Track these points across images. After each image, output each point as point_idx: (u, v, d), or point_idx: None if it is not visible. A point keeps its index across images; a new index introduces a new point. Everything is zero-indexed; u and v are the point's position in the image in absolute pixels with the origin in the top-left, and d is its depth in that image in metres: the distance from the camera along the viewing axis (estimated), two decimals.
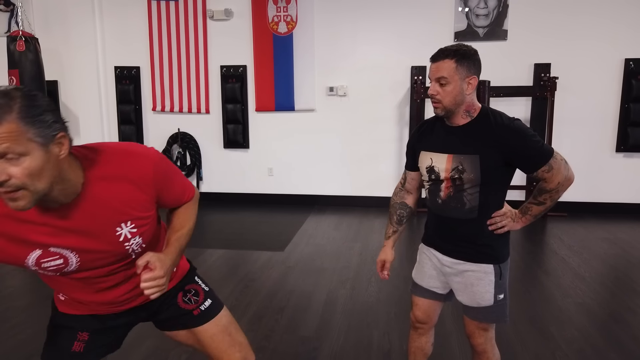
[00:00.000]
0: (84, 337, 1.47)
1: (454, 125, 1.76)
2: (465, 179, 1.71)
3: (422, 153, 1.84)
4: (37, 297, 3.43)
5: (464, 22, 5.65)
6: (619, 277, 3.80)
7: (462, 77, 1.68)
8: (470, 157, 1.69)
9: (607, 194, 5.71)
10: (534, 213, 1.80)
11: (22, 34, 5.70)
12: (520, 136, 1.67)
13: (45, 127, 1.06)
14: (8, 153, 1.01)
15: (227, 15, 5.99)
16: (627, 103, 5.51)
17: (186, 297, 1.55)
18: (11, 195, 1.05)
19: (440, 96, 1.70)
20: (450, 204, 1.77)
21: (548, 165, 1.68)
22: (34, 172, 1.05)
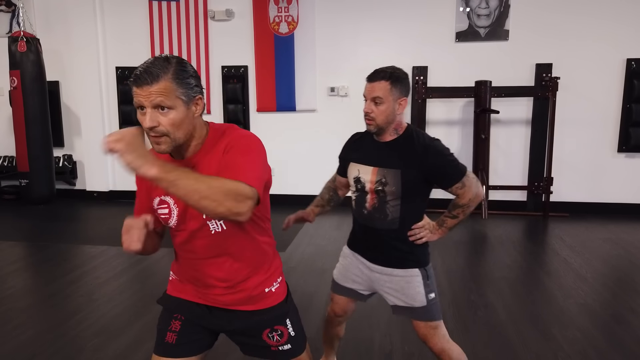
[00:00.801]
0: (175, 327, 1.56)
1: (381, 141, 1.91)
2: (387, 191, 1.86)
3: (351, 164, 1.99)
4: (38, 298, 3.43)
5: (465, 22, 5.65)
6: (621, 278, 3.79)
7: (394, 98, 1.83)
8: (393, 171, 1.85)
9: (608, 194, 5.70)
10: (448, 225, 1.95)
11: (24, 34, 5.71)
12: (439, 156, 1.85)
13: (189, 88, 1.31)
14: (161, 105, 1.27)
15: (228, 16, 5.99)
16: (629, 103, 5.50)
17: (271, 334, 1.59)
18: (156, 139, 1.31)
19: (374, 114, 1.84)
20: (375, 215, 1.92)
21: (461, 182, 1.86)
22: (176, 123, 1.30)
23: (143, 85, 1.26)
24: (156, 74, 1.26)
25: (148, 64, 1.29)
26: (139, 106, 1.29)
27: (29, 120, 5.83)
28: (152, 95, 1.26)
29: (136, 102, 1.29)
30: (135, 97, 1.29)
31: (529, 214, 5.70)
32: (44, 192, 6.05)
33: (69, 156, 6.61)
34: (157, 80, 1.26)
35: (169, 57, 1.31)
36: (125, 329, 2.91)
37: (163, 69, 1.27)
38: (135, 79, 1.28)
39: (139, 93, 1.27)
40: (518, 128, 5.74)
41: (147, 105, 1.27)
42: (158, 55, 1.32)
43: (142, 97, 1.27)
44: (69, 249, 4.49)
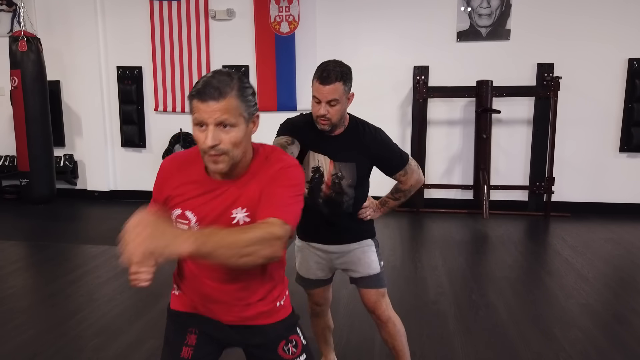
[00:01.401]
0: (192, 341, 1.50)
1: (332, 135, 1.94)
2: (343, 184, 1.95)
3: (311, 153, 1.97)
4: (39, 298, 3.43)
5: (467, 21, 5.64)
6: (623, 278, 3.78)
7: (346, 95, 1.86)
8: (348, 164, 1.93)
9: (610, 194, 5.69)
10: (390, 206, 2.15)
11: (24, 34, 5.71)
12: (384, 145, 1.98)
13: (250, 106, 1.29)
14: (224, 123, 1.22)
15: (229, 15, 5.98)
16: (631, 103, 5.49)
17: (287, 347, 1.54)
18: (215, 158, 1.25)
19: (330, 115, 1.85)
20: (330, 204, 1.99)
21: (404, 170, 2.00)
22: (237, 141, 1.25)
23: (208, 101, 1.21)
24: (222, 89, 1.21)
25: (210, 78, 1.24)
26: (199, 122, 1.24)
27: (29, 120, 5.83)
28: (217, 112, 1.21)
29: (196, 119, 1.23)
30: (196, 112, 1.23)
31: (530, 213, 5.69)
32: (44, 191, 6.05)
33: (70, 156, 6.61)
34: (224, 96, 1.21)
35: (231, 73, 1.28)
36: (125, 328, 2.90)
37: (228, 85, 1.23)
38: (199, 93, 1.22)
39: (202, 109, 1.22)
40: (519, 128, 5.73)
41: (209, 123, 1.22)
42: (218, 69, 1.28)
43: (205, 114, 1.21)
44: (69, 249, 4.49)
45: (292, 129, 2.01)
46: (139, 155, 6.54)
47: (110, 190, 6.62)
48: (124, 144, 6.51)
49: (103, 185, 6.58)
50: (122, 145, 6.52)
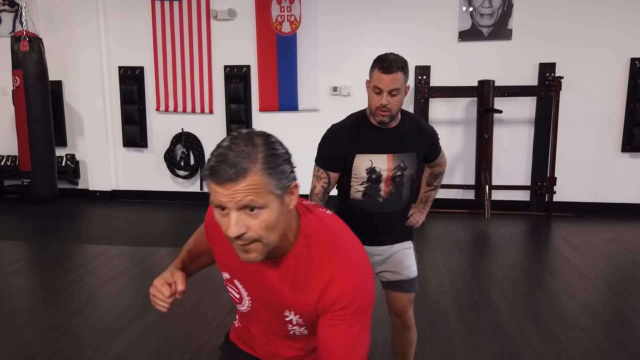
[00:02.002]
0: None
1: (385, 127, 1.92)
2: (406, 175, 1.95)
3: (359, 156, 1.91)
4: (40, 298, 3.43)
5: (469, 21, 5.63)
6: (625, 278, 3.77)
7: (405, 86, 1.85)
8: (409, 154, 1.94)
9: (612, 194, 5.68)
10: (432, 197, 2.17)
11: (26, 34, 5.72)
12: (433, 131, 2.06)
13: (283, 177, 1.01)
14: (250, 205, 0.97)
15: (230, 15, 5.98)
16: (633, 103, 5.47)
17: None
18: (245, 247, 1.02)
19: (391, 105, 1.83)
20: (391, 201, 1.96)
21: (440, 154, 2.11)
22: (270, 225, 1.00)
23: (226, 183, 0.96)
24: (243, 167, 0.96)
25: (227, 149, 0.98)
26: (219, 206, 1.00)
27: (31, 120, 5.83)
28: (237, 194, 0.96)
29: (215, 202, 1.00)
30: (213, 195, 0.99)
31: (532, 214, 5.68)
32: (46, 191, 6.05)
33: (72, 155, 6.61)
34: (245, 174, 0.95)
35: (253, 137, 1.01)
36: (126, 328, 2.90)
37: (250, 157, 0.97)
38: (213, 173, 0.97)
39: (219, 192, 0.97)
40: (521, 128, 5.72)
41: (231, 207, 0.98)
42: (238, 133, 1.02)
43: (223, 198, 0.97)
44: (71, 249, 4.49)
45: (331, 147, 1.95)
46: (141, 155, 6.54)
47: (112, 190, 6.62)
48: (126, 144, 6.51)
49: (105, 185, 6.58)
50: (123, 145, 6.53)
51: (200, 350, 2.62)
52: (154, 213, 5.85)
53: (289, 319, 1.18)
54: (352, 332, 1.07)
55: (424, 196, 2.16)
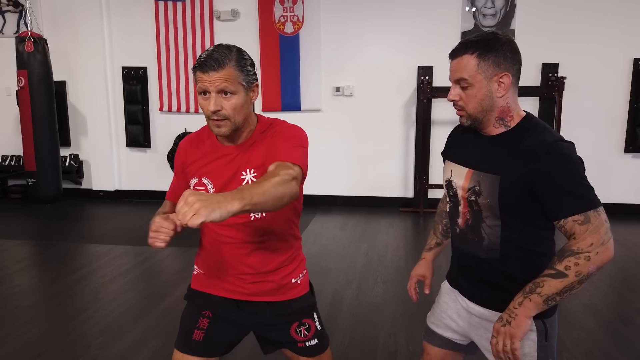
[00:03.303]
0: (203, 325, 1.57)
1: (485, 134, 1.40)
2: (481, 204, 1.36)
3: (447, 162, 1.53)
4: (44, 297, 3.46)
5: (471, 21, 5.63)
6: (628, 279, 3.77)
7: (488, 75, 1.31)
8: (490, 176, 1.33)
9: (615, 194, 5.66)
10: (545, 292, 1.23)
11: (31, 34, 5.74)
12: (559, 161, 1.25)
13: (249, 75, 1.40)
14: (225, 90, 1.36)
15: (233, 16, 6.00)
16: (636, 103, 5.46)
17: (299, 329, 1.59)
18: (218, 122, 1.39)
19: (463, 102, 1.36)
20: (467, 236, 1.43)
21: (585, 215, 1.23)
22: (237, 108, 1.39)
23: (209, 71, 1.34)
24: (221, 60, 1.34)
25: (211, 51, 1.37)
26: (202, 91, 1.38)
27: (36, 120, 5.86)
28: (217, 81, 1.35)
29: (200, 87, 1.37)
30: (199, 82, 1.37)
31: None
32: (50, 191, 6.08)
33: (76, 155, 6.64)
34: (222, 66, 1.34)
35: (230, 46, 1.41)
36: (130, 327, 2.92)
37: (227, 56, 1.36)
38: (201, 65, 1.35)
39: (204, 78, 1.35)
40: None
41: (211, 90, 1.36)
42: (218, 44, 1.41)
43: (207, 83, 1.35)
44: (74, 248, 4.51)
45: (445, 145, 1.62)
46: (144, 155, 6.56)
47: (115, 190, 6.65)
48: (129, 144, 6.53)
49: (108, 185, 6.61)
50: (127, 145, 6.55)
51: None
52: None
53: (245, 180, 1.46)
54: (287, 144, 1.43)
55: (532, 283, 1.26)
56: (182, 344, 1.58)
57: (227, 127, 1.40)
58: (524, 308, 1.24)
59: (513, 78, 1.33)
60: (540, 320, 1.32)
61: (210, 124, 1.42)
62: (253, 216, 1.47)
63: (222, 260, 1.54)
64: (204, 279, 1.60)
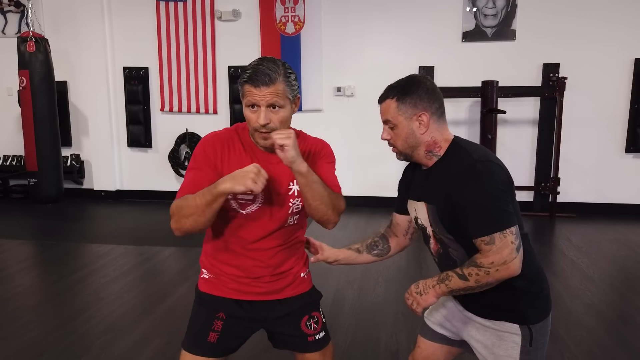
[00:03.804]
0: (218, 327, 1.58)
1: (425, 168, 1.54)
2: (437, 232, 1.49)
3: (409, 202, 1.63)
4: (46, 296, 3.46)
5: (472, 22, 5.63)
6: (629, 279, 3.77)
7: (407, 116, 1.46)
8: (432, 207, 1.48)
9: (616, 194, 5.67)
10: (451, 285, 1.40)
11: (32, 34, 5.76)
12: (474, 182, 1.36)
13: (294, 89, 1.45)
14: (274, 104, 1.39)
15: (234, 16, 6.00)
16: (637, 103, 5.47)
17: (309, 322, 1.65)
18: (265, 135, 1.42)
19: (393, 140, 1.52)
20: (444, 263, 1.54)
21: (490, 237, 1.32)
22: (284, 120, 1.43)
23: (260, 85, 1.37)
24: (272, 76, 1.37)
25: (259, 65, 1.39)
26: (251, 104, 1.40)
27: (37, 120, 5.87)
28: (268, 95, 1.37)
29: (249, 101, 1.39)
30: (249, 96, 1.39)
31: (536, 214, 5.67)
32: (52, 191, 6.09)
33: (77, 155, 6.65)
34: (274, 82, 1.37)
35: (276, 60, 1.43)
36: (132, 327, 2.92)
37: (276, 71, 1.39)
38: (252, 79, 1.37)
39: (254, 93, 1.38)
40: (525, 128, 5.72)
41: (262, 105, 1.39)
42: (264, 57, 1.43)
43: (258, 97, 1.38)
44: (76, 248, 4.52)
45: (400, 182, 1.72)
46: (145, 155, 6.57)
47: (117, 190, 6.65)
48: (130, 144, 6.54)
49: (109, 185, 6.62)
50: (128, 145, 6.56)
51: None
52: (159, 213, 5.87)
53: (292, 190, 1.52)
54: (334, 171, 1.59)
55: (445, 273, 1.44)
56: (195, 346, 1.58)
57: (271, 141, 1.41)
58: (434, 290, 1.45)
59: (433, 115, 1.47)
60: (525, 326, 1.43)
61: (256, 136, 1.45)
62: (288, 224, 1.55)
63: (242, 265, 1.55)
64: (215, 282, 1.59)
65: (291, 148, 1.33)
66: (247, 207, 1.50)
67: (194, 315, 1.63)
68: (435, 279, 1.45)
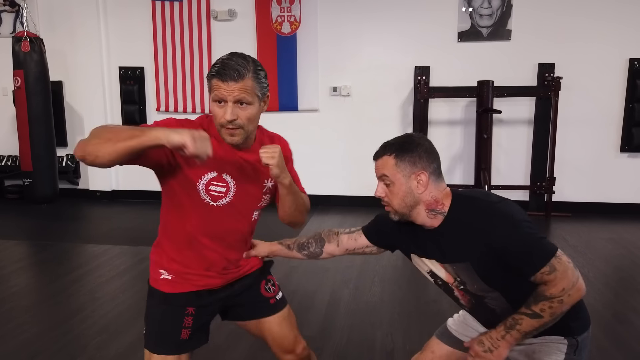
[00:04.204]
0: (189, 323, 1.58)
1: (429, 228, 1.48)
2: (472, 290, 1.44)
3: (414, 256, 1.59)
4: (41, 297, 3.45)
5: (468, 22, 5.65)
6: (624, 278, 3.78)
7: (406, 174, 1.43)
8: (462, 265, 1.41)
9: (611, 194, 5.69)
10: (524, 329, 1.33)
11: (27, 34, 5.73)
12: (507, 223, 1.35)
13: (263, 86, 1.43)
14: (241, 101, 1.38)
15: (230, 16, 6.00)
16: (632, 103, 5.49)
17: (267, 285, 1.73)
18: (232, 131, 1.42)
19: (388, 198, 1.47)
20: (479, 311, 1.51)
21: (549, 265, 1.29)
22: (252, 118, 1.43)
23: (228, 80, 1.35)
24: (241, 71, 1.36)
25: (228, 60, 1.37)
26: (218, 100, 1.39)
27: (32, 120, 5.85)
28: (235, 91, 1.36)
29: (216, 96, 1.38)
30: (216, 90, 1.37)
31: (531, 213, 5.69)
32: (47, 191, 6.06)
33: (72, 156, 6.63)
34: (242, 77, 1.36)
35: (245, 55, 1.42)
36: (128, 327, 2.92)
37: (245, 67, 1.37)
38: (221, 74, 1.36)
39: (222, 87, 1.36)
40: (520, 128, 5.73)
41: (229, 100, 1.37)
42: (234, 52, 1.42)
43: (225, 92, 1.36)
44: (71, 248, 4.51)
45: (383, 220, 1.65)
46: None
47: (112, 190, 6.64)
48: None
49: (105, 185, 6.60)
50: None
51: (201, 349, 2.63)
52: (154, 213, 5.82)
53: (266, 187, 1.58)
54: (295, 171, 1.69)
55: (511, 318, 1.35)
56: (167, 346, 1.56)
57: (240, 136, 1.44)
58: (506, 341, 1.34)
59: (431, 175, 1.44)
60: (571, 337, 1.42)
61: (222, 132, 1.44)
62: (254, 218, 1.63)
63: (207, 260, 1.57)
64: (179, 280, 1.58)
65: (275, 167, 1.39)
66: (219, 200, 1.50)
67: (159, 316, 1.59)
68: (502, 328, 1.35)
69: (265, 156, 1.38)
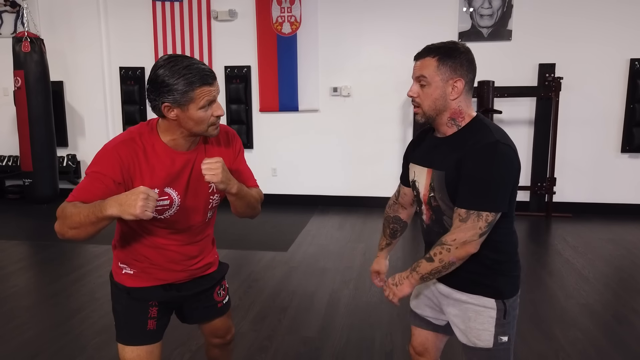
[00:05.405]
0: (154, 313, 1.66)
1: (440, 136, 1.54)
2: (437, 199, 1.49)
3: (410, 165, 1.65)
4: (41, 297, 3.45)
5: (468, 22, 5.64)
6: (624, 278, 3.78)
7: (444, 78, 1.45)
8: (438, 172, 1.48)
9: (612, 194, 5.69)
10: (421, 271, 1.48)
11: (28, 35, 5.74)
12: (483, 156, 1.38)
13: None
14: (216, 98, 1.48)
15: (231, 16, 6.00)
16: (632, 103, 5.48)
17: (219, 290, 1.83)
18: (218, 124, 1.51)
19: (420, 99, 1.50)
20: (433, 229, 1.55)
21: (469, 213, 1.38)
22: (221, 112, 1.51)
23: (212, 81, 1.44)
24: (214, 75, 1.47)
25: (196, 64, 1.43)
26: (209, 102, 1.44)
27: (32, 120, 5.85)
28: (217, 89, 1.47)
29: (207, 100, 1.43)
30: (207, 95, 1.43)
31: (532, 214, 5.69)
32: (47, 191, 6.07)
33: (73, 156, 6.63)
34: (215, 79, 1.47)
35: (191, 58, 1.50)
36: None
37: (207, 67, 1.47)
38: (205, 79, 1.42)
39: (211, 90, 1.44)
40: (521, 128, 5.73)
41: (216, 98, 1.47)
42: (185, 56, 1.48)
43: (213, 93, 1.45)
44: (71, 248, 4.51)
45: (405, 153, 1.74)
46: None
47: None
48: None
49: None
50: None
51: (200, 349, 2.63)
52: None
53: (212, 187, 1.59)
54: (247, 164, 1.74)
55: (416, 262, 1.51)
56: (136, 337, 1.65)
57: (219, 130, 1.55)
58: (408, 280, 1.52)
59: (466, 85, 1.47)
60: (500, 301, 1.50)
61: (210, 130, 1.49)
62: (207, 219, 1.68)
63: (171, 258, 1.64)
64: (142, 275, 1.65)
65: (219, 183, 1.42)
66: (165, 212, 1.54)
67: (124, 310, 1.67)
68: (408, 270, 1.53)
69: (208, 174, 1.39)
